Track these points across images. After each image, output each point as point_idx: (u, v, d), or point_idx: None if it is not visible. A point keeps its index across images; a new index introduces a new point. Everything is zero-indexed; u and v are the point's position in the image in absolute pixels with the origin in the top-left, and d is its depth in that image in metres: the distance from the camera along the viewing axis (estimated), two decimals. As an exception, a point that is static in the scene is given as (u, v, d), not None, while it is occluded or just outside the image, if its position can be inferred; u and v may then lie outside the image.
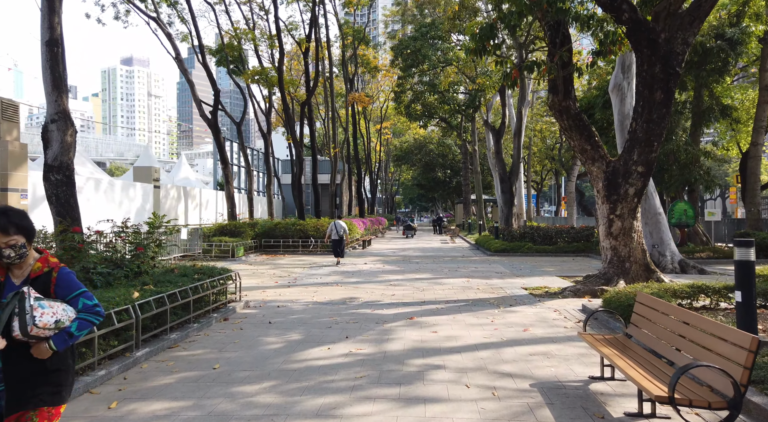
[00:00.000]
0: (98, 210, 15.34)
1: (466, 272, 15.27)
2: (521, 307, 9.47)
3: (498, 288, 11.85)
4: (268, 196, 29.52)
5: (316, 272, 15.11)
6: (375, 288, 11.89)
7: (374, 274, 14.76)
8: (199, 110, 22.46)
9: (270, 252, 21.91)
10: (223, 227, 20.91)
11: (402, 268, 16.35)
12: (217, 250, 19.11)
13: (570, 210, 38.87)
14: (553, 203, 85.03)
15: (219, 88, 22.77)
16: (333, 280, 13.40)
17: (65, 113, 8.01)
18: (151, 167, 18.85)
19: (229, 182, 23.35)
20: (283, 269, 15.96)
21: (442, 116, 38.63)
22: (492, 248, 22.17)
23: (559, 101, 10.95)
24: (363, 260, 19.28)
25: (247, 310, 9.16)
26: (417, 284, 12.53)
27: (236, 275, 9.45)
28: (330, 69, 31.30)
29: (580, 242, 21.79)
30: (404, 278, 13.68)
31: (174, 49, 21.97)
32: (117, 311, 5.64)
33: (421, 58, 33.27)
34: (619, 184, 10.95)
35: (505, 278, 13.83)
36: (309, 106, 24.28)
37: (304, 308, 9.28)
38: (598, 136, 11.38)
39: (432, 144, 60.11)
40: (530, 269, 15.83)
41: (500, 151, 28.20)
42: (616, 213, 11.03)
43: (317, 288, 11.91)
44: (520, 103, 26.88)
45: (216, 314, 8.24)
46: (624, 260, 11.08)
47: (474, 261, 18.75)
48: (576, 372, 5.56)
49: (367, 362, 5.95)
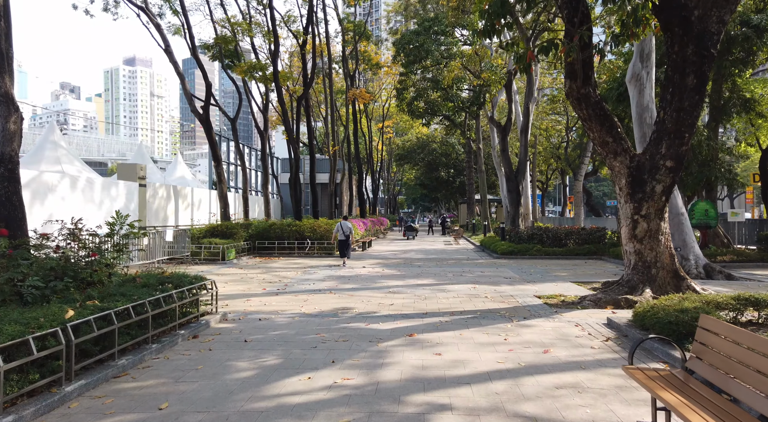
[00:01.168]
0: (75, 211, 14.21)
1: (471, 277, 14.09)
2: (537, 320, 8.29)
3: (508, 297, 10.66)
4: (264, 196, 28.38)
5: (310, 277, 13.95)
6: (372, 296, 10.72)
7: (372, 279, 13.60)
8: (190, 105, 21.34)
9: (264, 255, 20.77)
10: (214, 228, 19.78)
11: (403, 272, 15.18)
12: (207, 253, 17.97)
13: (577, 210, 37.61)
14: (557, 204, 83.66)
15: (211, 82, 21.66)
16: (327, 286, 12.24)
17: (8, 96, 6.88)
18: (137, 165, 17.72)
19: (222, 181, 22.23)
20: (275, 274, 14.80)
21: (446, 114, 37.45)
22: (499, 251, 20.98)
23: (578, 88, 9.75)
24: (362, 263, 18.12)
25: (223, 324, 8.00)
26: (418, 292, 11.36)
27: (212, 283, 8.30)
28: (329, 63, 30.17)
29: (591, 244, 20.58)
30: (405, 285, 12.52)
31: (164, 41, 20.85)
32: (40, 336, 4.49)
33: (424, 54, 32.13)
34: (645, 181, 9.76)
35: (515, 284, 12.64)
36: (306, 100, 23.11)
37: (289, 322, 8.12)
38: (621, 127, 10.19)
39: (435, 143, 58.91)
40: (541, 274, 14.64)
41: (506, 148, 27.00)
42: (641, 213, 9.84)
43: (308, 296, 10.75)
44: (527, 99, 25.66)
45: (184, 330, 7.08)
46: (650, 266, 9.89)
47: (480, 265, 17.57)
48: (618, 414, 4.39)
49: (354, 398, 4.78)
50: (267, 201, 28.02)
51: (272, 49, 22.17)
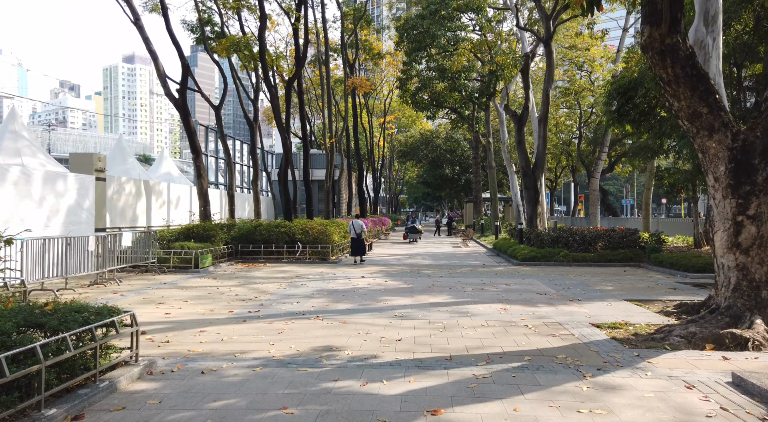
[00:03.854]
0: (3, 209, 11.47)
1: (496, 292, 11.31)
2: (621, 375, 5.50)
3: (556, 326, 7.88)
4: (254, 193, 25.60)
5: (295, 292, 11.18)
6: (372, 325, 7.94)
7: (372, 295, 10.82)
8: (164, 88, 18.58)
9: (248, 260, 18.00)
10: (189, 230, 17.01)
11: (410, 285, 12.40)
12: (177, 259, 15.21)
13: (593, 210, 34.82)
14: (561, 203, 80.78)
15: (187, 62, 18.90)
16: (314, 306, 9.47)
17: None
18: (93, 154, 14.92)
19: (202, 175, 19.46)
20: (253, 287, 12.03)
21: (452, 106, 34.63)
22: (519, 256, 18.18)
23: (661, 37, 6.96)
24: (361, 271, 15.36)
25: (141, 384, 5.22)
26: (433, 316, 8.59)
27: (132, 318, 5.51)
28: (326, 45, 27.32)
29: (626, 249, 17.79)
30: (414, 304, 9.74)
31: (133, 14, 18.07)
32: None
33: (429, 40, 29.33)
34: (756, 167, 6.98)
35: (554, 303, 9.86)
36: (299, 81, 20.29)
37: (245, 380, 5.34)
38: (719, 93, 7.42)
39: (439, 139, 56.05)
40: (581, 288, 11.85)
41: (523, 140, 24.18)
42: (747, 213, 7.06)
43: (286, 324, 7.97)
44: (546, 84, 22.84)
45: (58, 408, 4.28)
46: (759, 287, 7.10)
47: (501, 274, 14.78)
48: None
49: None
50: (257, 199, 25.22)
51: (259, 24, 19.36)
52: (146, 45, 18.05)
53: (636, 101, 19.78)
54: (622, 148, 39.80)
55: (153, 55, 18.20)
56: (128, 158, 30.63)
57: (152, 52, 18.17)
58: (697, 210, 20.40)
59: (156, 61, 18.34)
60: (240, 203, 29.35)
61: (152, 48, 18.18)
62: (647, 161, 25.16)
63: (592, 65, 39.07)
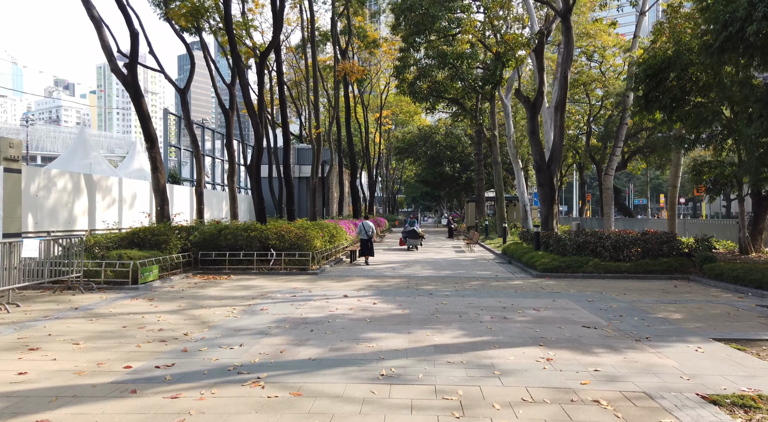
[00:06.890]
0: None
1: (524, 321, 8.15)
2: None
3: (643, 399, 4.71)
4: (230, 190, 22.39)
5: (246, 324, 8.00)
6: (340, 398, 4.76)
7: (352, 330, 7.64)
8: (110, 63, 15.39)
9: (210, 271, 14.82)
10: (134, 234, 13.82)
11: (406, 310, 9.23)
12: (111, 272, 12.02)
13: (607, 210, 31.60)
14: (562, 202, 77.70)
15: (137, 31, 15.73)
16: (261, 354, 6.28)
17: None
18: (3, 138, 11.72)
19: (159, 169, 16.28)
20: (193, 314, 8.84)
21: (454, 97, 31.45)
22: (538, 266, 15.03)
23: None
24: (345, 286, 12.19)
25: None
26: (442, 376, 5.42)
27: None
28: (310, 9, 24.05)
29: (669, 258, 14.65)
30: (411, 348, 6.57)
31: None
32: None
33: (429, 23, 26.17)
34: None
35: (617, 346, 6.70)
36: (277, 52, 17.05)
37: None
38: None
39: (439, 135, 52.82)
40: (638, 315, 8.68)
41: (536, 130, 21.00)
42: None
43: (199, 399, 4.79)
44: (564, 66, 19.66)
45: None
46: None
47: (521, 291, 11.62)
48: None
49: None
50: (233, 198, 22.01)
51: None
52: (87, 10, 14.87)
53: (668, 84, 16.71)
54: (636, 143, 36.73)
55: (96, 23, 15.01)
56: (91, 152, 27.47)
57: (95, 19, 14.99)
58: (743, 209, 17.30)
59: (100, 30, 15.16)
60: (216, 202, 26.15)
61: (94, 13, 15.00)
62: (677, 153, 22.06)
63: (603, 54, 35.96)
